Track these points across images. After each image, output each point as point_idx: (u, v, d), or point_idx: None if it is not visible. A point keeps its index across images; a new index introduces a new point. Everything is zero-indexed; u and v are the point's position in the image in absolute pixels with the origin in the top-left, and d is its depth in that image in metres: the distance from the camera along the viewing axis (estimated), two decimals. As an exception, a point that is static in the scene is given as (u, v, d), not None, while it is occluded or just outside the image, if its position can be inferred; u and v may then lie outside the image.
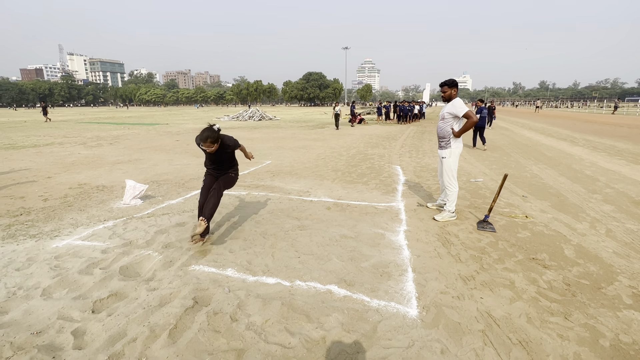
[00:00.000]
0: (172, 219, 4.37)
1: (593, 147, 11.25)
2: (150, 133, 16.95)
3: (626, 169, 7.56)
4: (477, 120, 4.15)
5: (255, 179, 6.66)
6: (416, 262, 3.20)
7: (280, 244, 3.59)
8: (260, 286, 2.78)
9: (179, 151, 10.60)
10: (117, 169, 7.74)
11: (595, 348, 2.10)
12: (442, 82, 4.27)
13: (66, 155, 9.89)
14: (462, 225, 4.19)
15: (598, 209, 4.76)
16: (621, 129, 18.13)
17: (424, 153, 10.17)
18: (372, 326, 2.29)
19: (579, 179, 6.59)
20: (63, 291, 2.69)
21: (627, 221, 4.29)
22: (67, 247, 3.51)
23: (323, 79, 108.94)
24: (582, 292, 2.70)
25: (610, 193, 5.60)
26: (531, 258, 3.30)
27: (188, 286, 2.76)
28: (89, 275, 2.94)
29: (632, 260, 3.24)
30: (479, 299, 2.62)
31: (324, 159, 9.02)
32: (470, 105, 78.88)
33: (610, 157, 9.22)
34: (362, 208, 4.84)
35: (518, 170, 7.54)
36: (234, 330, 2.25)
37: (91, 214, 4.58)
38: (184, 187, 6.02)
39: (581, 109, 55.97)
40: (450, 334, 2.23)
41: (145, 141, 13.41)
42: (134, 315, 2.38)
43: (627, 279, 2.89)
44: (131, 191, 5.01)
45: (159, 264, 3.15)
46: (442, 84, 4.27)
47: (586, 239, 3.74)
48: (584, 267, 3.10)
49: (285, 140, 13.51)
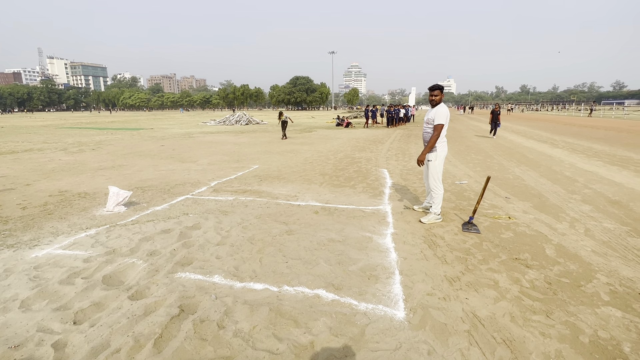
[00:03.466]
0: (157, 225, 4.29)
1: (572, 149, 11.63)
2: (134, 138, 16.64)
3: (603, 169, 7.84)
4: (436, 139, 4.22)
5: (242, 184, 6.62)
6: (403, 265, 3.24)
7: (268, 249, 3.58)
8: (247, 292, 2.76)
9: (164, 156, 10.44)
10: (99, 175, 7.57)
11: (576, 344, 2.17)
12: (433, 86, 4.30)
13: (46, 161, 9.61)
14: (448, 227, 4.26)
15: (577, 209, 4.92)
16: (598, 131, 18.81)
17: (410, 156, 10.31)
18: (360, 329, 2.30)
19: (559, 180, 6.80)
20: (43, 302, 2.61)
21: (604, 220, 4.44)
22: (47, 256, 3.41)
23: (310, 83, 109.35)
24: (562, 291, 2.78)
25: (589, 193, 5.79)
26: (514, 258, 3.38)
27: (174, 294, 2.71)
28: (70, 285, 2.86)
29: (610, 258, 3.35)
30: (465, 299, 2.66)
31: (312, 163, 9.04)
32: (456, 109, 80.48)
33: (588, 158, 9.55)
34: (349, 212, 4.87)
35: (501, 172, 7.73)
36: (221, 337, 2.23)
37: (72, 222, 4.46)
38: (170, 193, 5.94)
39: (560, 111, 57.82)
40: (437, 335, 2.26)
41: (129, 146, 13.16)
42: (118, 325, 2.33)
43: (604, 277, 2.99)
44: (114, 198, 4.90)
45: (144, 272, 3.09)
46: (434, 88, 4.29)
47: (566, 239, 3.85)
48: (564, 266, 3.20)
49: (272, 145, 13.47)
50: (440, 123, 4.19)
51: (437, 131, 4.21)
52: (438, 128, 4.21)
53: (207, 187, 6.36)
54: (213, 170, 8.06)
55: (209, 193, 5.95)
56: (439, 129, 4.20)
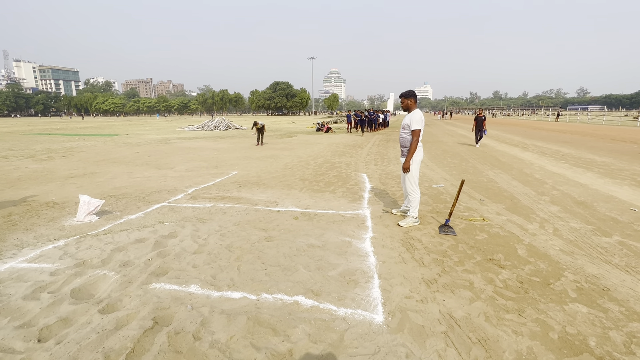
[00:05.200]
0: (131, 235, 4.15)
1: (541, 152, 12.17)
2: (108, 144, 16.07)
3: (569, 172, 8.25)
4: (416, 144, 4.32)
5: (220, 190, 6.51)
6: (382, 268, 3.27)
7: (247, 257, 3.52)
8: (225, 301, 2.70)
9: (139, 163, 10.13)
10: (70, 184, 7.25)
11: (546, 341, 2.25)
12: (402, 93, 4.47)
13: (11, 169, 9.11)
14: (425, 230, 4.34)
15: (546, 210, 5.14)
16: (564, 135, 19.80)
17: (389, 160, 10.47)
18: (339, 335, 2.30)
19: (530, 182, 7.09)
20: (4, 320, 2.46)
21: (571, 220, 4.66)
22: (10, 270, 3.22)
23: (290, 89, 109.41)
24: (533, 289, 2.89)
25: (557, 194, 6.07)
26: (488, 259, 3.48)
27: (147, 306, 2.62)
28: (35, 300, 2.70)
29: (576, 256, 3.52)
30: (441, 301, 2.71)
31: (292, 168, 9.01)
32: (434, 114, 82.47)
33: (556, 161, 10.02)
34: (329, 217, 4.88)
35: (475, 175, 7.97)
36: (197, 349, 2.17)
37: (39, 233, 4.24)
38: (145, 201, 5.76)
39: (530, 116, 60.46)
40: (415, 337, 2.29)
41: (102, 153, 12.69)
42: (87, 341, 2.22)
43: (572, 274, 3.13)
44: (85, 207, 4.70)
45: (116, 284, 2.97)
46: (402, 95, 4.47)
47: (536, 239, 4.01)
48: (535, 265, 3.33)
49: (252, 150, 13.35)
50: (417, 128, 4.29)
51: (416, 136, 4.31)
52: (416, 133, 4.30)
53: (185, 194, 6.22)
54: (191, 177, 7.88)
55: (186, 200, 5.82)
56: (417, 134, 4.30)
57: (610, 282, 2.99)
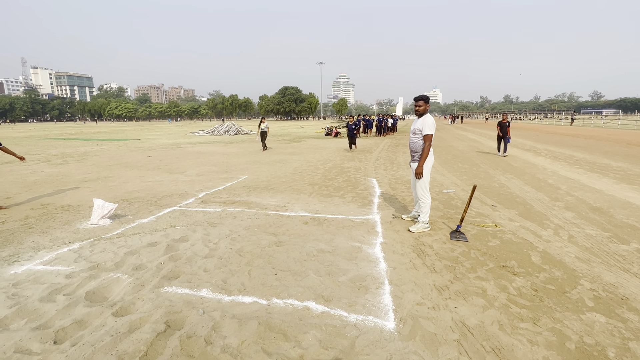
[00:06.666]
0: (143, 238, 4.21)
1: (554, 157, 11.96)
2: (120, 149, 16.38)
3: (584, 177, 8.08)
4: (429, 149, 4.27)
5: (231, 195, 6.56)
6: (392, 274, 3.24)
7: (257, 261, 3.54)
8: (236, 306, 2.71)
9: (151, 167, 10.29)
10: (84, 188, 7.40)
11: (562, 351, 2.19)
12: (418, 96, 4.36)
13: (28, 173, 9.35)
14: (436, 235, 4.30)
15: (561, 216, 5.04)
16: (578, 139, 19.42)
17: (398, 165, 10.42)
18: (350, 342, 2.29)
19: (543, 188, 6.96)
20: (21, 321, 2.51)
21: (586, 227, 4.56)
22: (27, 272, 3.29)
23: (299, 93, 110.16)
24: (548, 297, 2.82)
25: (571, 200, 5.94)
26: (501, 266, 3.42)
27: (160, 309, 2.65)
28: (51, 302, 2.76)
29: (592, 264, 3.43)
30: (454, 308, 2.68)
31: (301, 173, 9.04)
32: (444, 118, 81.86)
33: (570, 166, 9.83)
34: (339, 222, 4.87)
35: (487, 180, 7.87)
36: (209, 353, 2.18)
37: (55, 236, 4.33)
38: (157, 205, 5.84)
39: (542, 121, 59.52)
40: (427, 345, 2.26)
41: (115, 157, 12.93)
42: (101, 343, 2.25)
43: (588, 282, 3.06)
44: (99, 210, 4.79)
45: (129, 287, 3.01)
46: (418, 99, 4.35)
47: (551, 245, 3.93)
48: (550, 273, 3.26)
49: (261, 155, 13.44)
50: (430, 133, 4.26)
51: (428, 141, 4.27)
52: (428, 138, 4.27)
53: (195, 199, 6.29)
54: (201, 181, 7.97)
55: (197, 204, 5.88)
56: (429, 139, 4.26)
57: (629, 291, 2.91)
